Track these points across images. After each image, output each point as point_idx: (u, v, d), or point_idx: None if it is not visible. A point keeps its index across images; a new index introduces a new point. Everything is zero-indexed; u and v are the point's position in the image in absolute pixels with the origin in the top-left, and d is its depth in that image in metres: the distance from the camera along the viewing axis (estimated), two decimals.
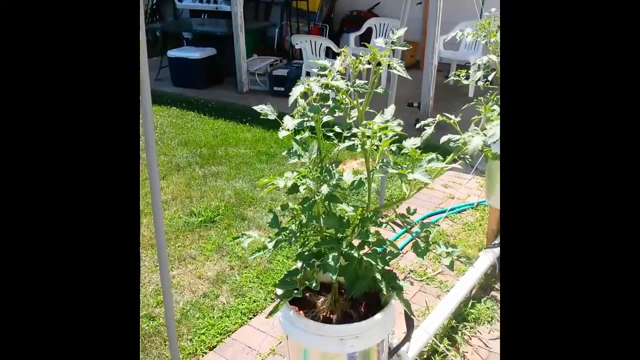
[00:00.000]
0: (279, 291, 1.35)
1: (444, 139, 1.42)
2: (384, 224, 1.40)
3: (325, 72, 1.30)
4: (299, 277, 1.35)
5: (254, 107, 1.43)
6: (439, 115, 1.51)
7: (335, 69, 1.28)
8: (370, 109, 1.39)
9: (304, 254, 1.36)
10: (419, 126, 1.53)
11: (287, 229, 1.37)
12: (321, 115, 1.32)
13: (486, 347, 2.21)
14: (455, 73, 2.12)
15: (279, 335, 2.28)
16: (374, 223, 1.36)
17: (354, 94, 1.31)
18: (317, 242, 1.36)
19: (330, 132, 1.38)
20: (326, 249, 1.30)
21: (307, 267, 1.36)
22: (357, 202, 1.51)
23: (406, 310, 1.37)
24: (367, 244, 1.36)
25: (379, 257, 1.32)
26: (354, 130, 1.32)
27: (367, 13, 7.54)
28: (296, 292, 1.32)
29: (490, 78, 2.12)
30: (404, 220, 1.40)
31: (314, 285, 1.30)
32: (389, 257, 1.35)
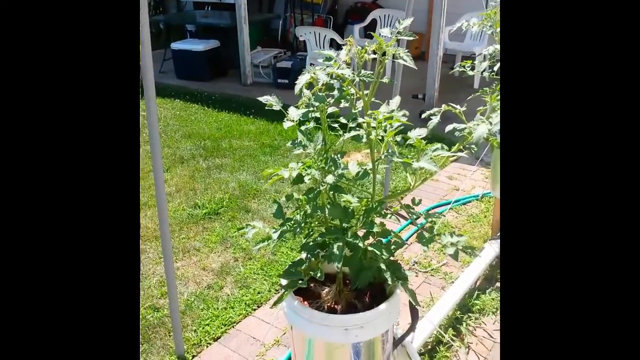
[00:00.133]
0: (284, 281, 1.35)
1: (449, 128, 1.41)
2: (388, 215, 1.40)
3: (331, 62, 1.29)
4: (303, 267, 1.35)
5: (259, 98, 1.42)
6: (444, 105, 1.50)
7: (340, 59, 1.27)
8: (375, 100, 1.38)
9: (309, 245, 1.36)
10: (424, 116, 1.52)
11: (292, 219, 1.37)
12: (326, 105, 1.32)
13: (491, 337, 2.21)
14: (461, 64, 2.10)
15: (283, 326, 2.29)
16: (379, 214, 1.35)
17: (359, 84, 1.30)
18: (321, 232, 1.36)
19: (335, 124, 1.38)
20: (331, 239, 1.30)
21: (312, 257, 1.36)
22: (361, 194, 1.51)
23: (411, 301, 1.37)
24: (371, 235, 1.36)
25: (384, 247, 1.31)
26: (359, 121, 1.32)
27: (372, 4, 7.50)
28: (301, 282, 1.32)
29: (496, 69, 2.11)
30: (409, 211, 1.39)
31: (319, 275, 1.30)
32: (393, 248, 1.34)
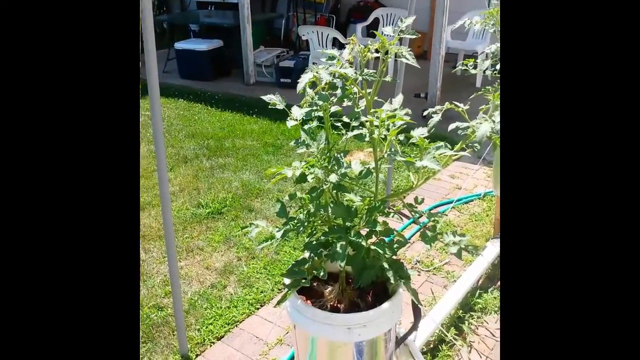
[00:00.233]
0: (287, 281, 1.35)
1: (451, 126, 1.41)
2: (391, 214, 1.40)
3: (334, 61, 1.29)
4: (306, 266, 1.35)
5: (262, 97, 1.43)
6: (447, 104, 1.50)
7: (343, 58, 1.27)
8: (377, 99, 1.38)
9: (312, 244, 1.36)
10: (426, 114, 1.52)
11: (295, 218, 1.37)
12: (329, 104, 1.32)
13: (493, 336, 2.21)
14: (463, 62, 2.10)
15: (286, 325, 2.30)
16: (382, 213, 1.36)
17: (362, 82, 1.30)
18: (324, 231, 1.36)
19: (337, 122, 1.38)
20: (334, 238, 1.31)
21: (315, 256, 1.36)
22: (364, 193, 1.51)
23: (413, 300, 1.37)
24: (374, 234, 1.36)
25: (386, 246, 1.32)
26: (362, 119, 1.32)
27: (374, 3, 7.50)
28: (304, 281, 1.33)
29: (499, 67, 2.10)
30: (411, 210, 1.39)
31: (322, 274, 1.31)
32: (396, 247, 1.34)
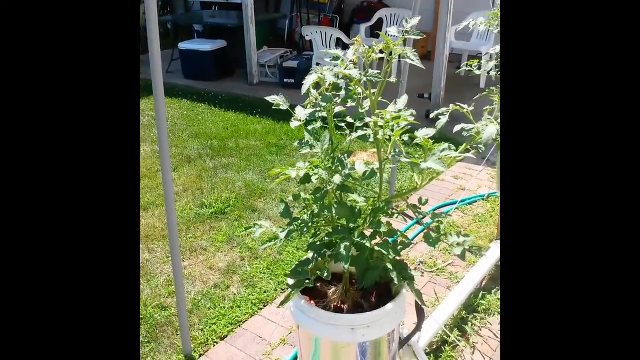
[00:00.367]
0: (291, 281, 1.36)
1: (457, 128, 1.41)
2: (395, 215, 1.40)
3: (338, 62, 1.29)
4: (310, 267, 1.35)
5: (266, 97, 1.43)
6: (452, 105, 1.50)
7: (348, 59, 1.27)
8: (381, 99, 1.38)
9: (316, 244, 1.36)
10: (432, 116, 1.52)
11: (299, 219, 1.37)
12: (333, 105, 1.32)
13: (496, 338, 2.21)
14: (467, 63, 2.10)
15: (290, 325, 2.30)
16: (386, 213, 1.36)
17: (367, 83, 1.30)
18: (328, 232, 1.36)
19: (341, 123, 1.38)
20: (338, 238, 1.31)
21: (319, 257, 1.36)
22: (367, 194, 1.51)
23: (417, 301, 1.37)
24: (378, 234, 1.36)
25: (390, 247, 1.32)
26: (367, 120, 1.32)
27: (378, 4, 7.49)
28: (307, 282, 1.33)
29: None
30: (415, 211, 1.39)
31: (326, 275, 1.31)
32: (400, 248, 1.34)
